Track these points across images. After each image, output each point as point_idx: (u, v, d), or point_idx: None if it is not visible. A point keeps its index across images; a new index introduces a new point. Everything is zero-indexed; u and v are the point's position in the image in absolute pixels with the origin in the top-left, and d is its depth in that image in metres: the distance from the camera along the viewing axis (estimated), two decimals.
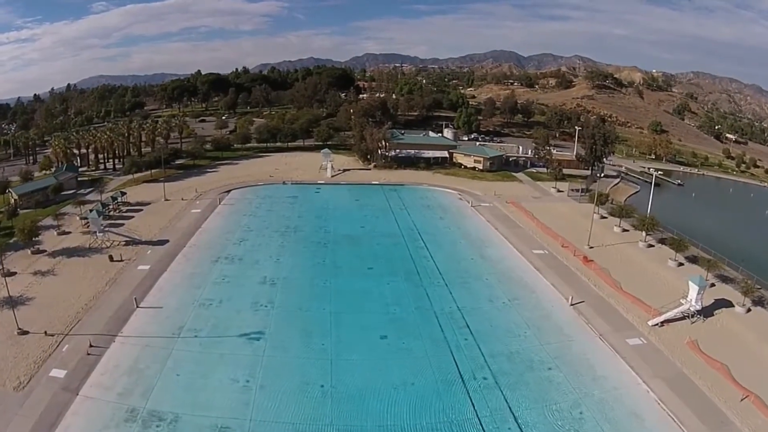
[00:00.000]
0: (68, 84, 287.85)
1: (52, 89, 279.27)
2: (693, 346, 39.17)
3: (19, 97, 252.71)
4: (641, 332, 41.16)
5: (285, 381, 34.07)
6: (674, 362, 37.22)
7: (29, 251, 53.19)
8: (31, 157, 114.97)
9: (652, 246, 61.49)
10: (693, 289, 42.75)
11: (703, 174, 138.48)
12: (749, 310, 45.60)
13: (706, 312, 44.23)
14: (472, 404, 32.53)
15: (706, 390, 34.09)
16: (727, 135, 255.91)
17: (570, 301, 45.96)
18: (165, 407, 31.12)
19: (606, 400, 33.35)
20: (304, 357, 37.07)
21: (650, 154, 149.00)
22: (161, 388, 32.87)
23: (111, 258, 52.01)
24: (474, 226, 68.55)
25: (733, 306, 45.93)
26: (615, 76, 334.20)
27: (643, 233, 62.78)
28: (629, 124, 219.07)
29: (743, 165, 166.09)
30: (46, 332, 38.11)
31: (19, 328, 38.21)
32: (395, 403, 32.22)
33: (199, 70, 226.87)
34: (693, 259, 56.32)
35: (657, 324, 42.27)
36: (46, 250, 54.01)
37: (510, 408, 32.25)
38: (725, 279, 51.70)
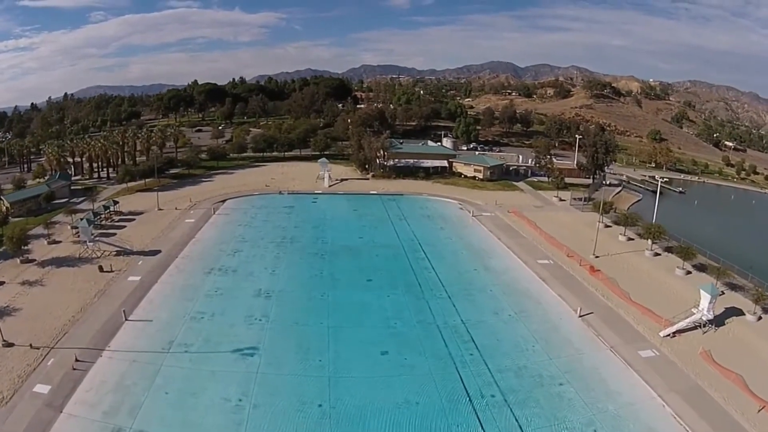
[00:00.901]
0: (65, 93, 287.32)
1: (49, 98, 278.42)
2: (706, 356, 37.93)
3: (16, 106, 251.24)
4: (653, 344, 39.74)
5: (280, 400, 32.22)
6: (688, 374, 35.92)
7: (18, 260, 51.85)
8: (25, 165, 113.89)
9: (659, 254, 60.23)
10: (705, 298, 41.51)
11: (704, 182, 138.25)
12: (760, 318, 44.50)
13: (717, 321, 42.92)
14: (480, 424, 30.70)
15: (722, 402, 32.93)
16: (726, 143, 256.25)
17: (578, 312, 44.35)
18: (153, 427, 29.42)
19: (621, 416, 31.76)
20: (300, 374, 35.22)
21: (650, 163, 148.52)
22: (149, 407, 31.08)
23: (101, 268, 50.39)
24: (476, 236, 67.04)
25: (744, 314, 44.82)
26: (613, 85, 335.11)
27: (649, 241, 61.38)
28: (628, 133, 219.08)
29: (743, 172, 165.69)
30: (31, 345, 36.67)
31: (4, 340, 36.85)
32: (398, 423, 30.36)
33: (195, 80, 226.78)
34: (701, 268, 55.19)
35: (669, 335, 40.91)
36: (35, 260, 52.63)
37: (520, 427, 30.50)
38: (734, 287, 50.47)
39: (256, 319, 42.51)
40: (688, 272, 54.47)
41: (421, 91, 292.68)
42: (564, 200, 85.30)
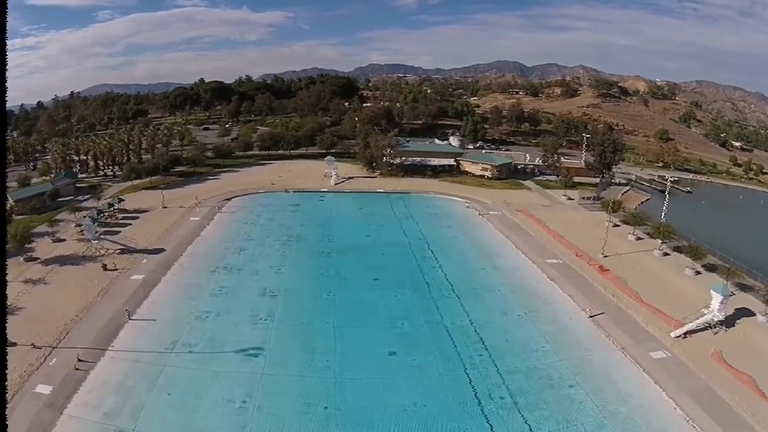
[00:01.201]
0: (72, 92, 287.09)
1: (56, 96, 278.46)
2: (718, 357, 37.39)
3: (22, 104, 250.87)
4: (664, 344, 39.17)
5: (285, 401, 31.66)
6: (700, 375, 35.41)
7: (22, 258, 51.52)
8: (31, 163, 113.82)
9: (668, 254, 59.51)
10: (716, 299, 41.00)
11: (711, 181, 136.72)
12: None
13: (728, 322, 42.33)
14: (490, 427, 30.08)
15: (734, 404, 32.47)
16: (733, 143, 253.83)
17: (588, 312, 43.67)
18: (154, 429, 29.00)
19: (632, 418, 31.22)
20: (306, 375, 34.68)
21: (658, 162, 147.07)
22: (151, 408, 30.60)
23: (104, 267, 50.11)
24: (484, 235, 66.35)
25: (755, 315, 44.21)
26: (620, 85, 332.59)
27: (658, 241, 60.54)
28: (636, 133, 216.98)
29: (751, 172, 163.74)
30: (33, 345, 36.32)
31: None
32: (406, 426, 29.74)
33: (202, 78, 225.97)
34: (711, 268, 54.58)
35: (680, 335, 40.27)
36: (38, 258, 52.38)
37: (531, 430, 29.86)
38: (744, 287, 49.90)
39: (261, 319, 41.95)
40: (698, 272, 53.85)
41: (428, 90, 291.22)
42: (572, 199, 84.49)
